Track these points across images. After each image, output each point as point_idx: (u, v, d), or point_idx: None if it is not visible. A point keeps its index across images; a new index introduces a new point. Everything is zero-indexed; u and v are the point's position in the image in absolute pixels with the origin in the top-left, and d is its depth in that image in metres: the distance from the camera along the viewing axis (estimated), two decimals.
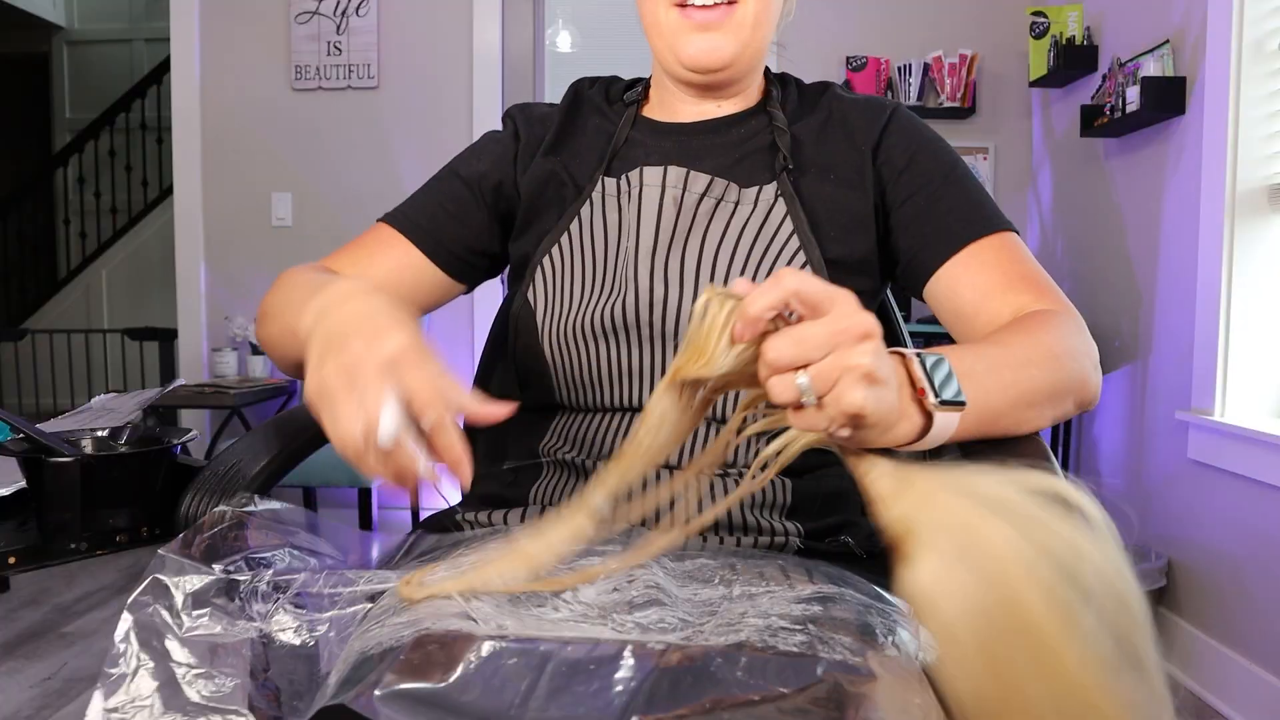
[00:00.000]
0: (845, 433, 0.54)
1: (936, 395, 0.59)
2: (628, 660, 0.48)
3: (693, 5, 0.84)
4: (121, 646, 0.58)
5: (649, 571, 0.62)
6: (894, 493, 0.53)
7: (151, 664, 0.58)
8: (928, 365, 0.60)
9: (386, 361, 0.57)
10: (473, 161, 0.94)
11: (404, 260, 0.90)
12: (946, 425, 0.60)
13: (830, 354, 0.51)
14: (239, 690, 0.57)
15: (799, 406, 0.52)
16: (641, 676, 0.48)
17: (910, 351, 0.60)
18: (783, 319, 0.53)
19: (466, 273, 0.94)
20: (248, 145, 3.21)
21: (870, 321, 0.52)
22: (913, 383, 0.59)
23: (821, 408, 0.52)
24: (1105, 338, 2.56)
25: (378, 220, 0.93)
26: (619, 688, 0.47)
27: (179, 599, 0.60)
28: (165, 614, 0.60)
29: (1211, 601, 2.06)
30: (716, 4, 0.84)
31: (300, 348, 0.65)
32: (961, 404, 0.59)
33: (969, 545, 0.48)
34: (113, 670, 0.58)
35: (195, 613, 0.60)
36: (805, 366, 0.51)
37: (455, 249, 0.92)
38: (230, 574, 0.62)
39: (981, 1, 3.04)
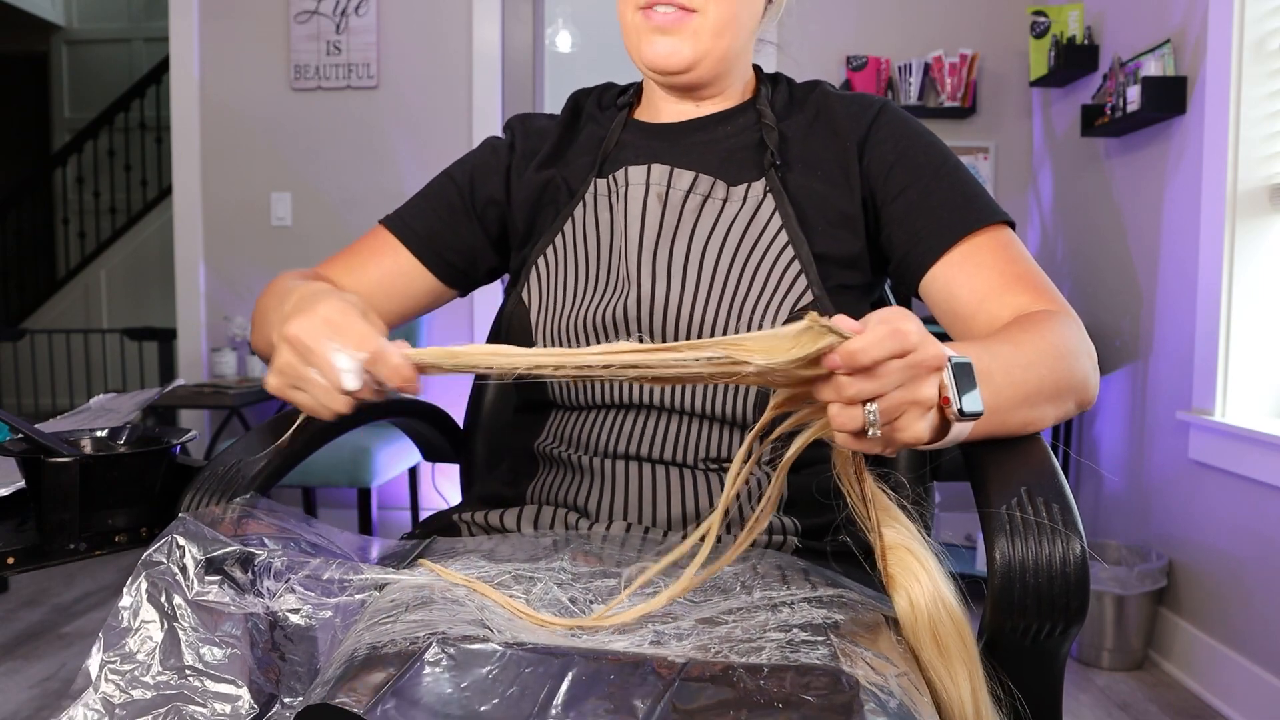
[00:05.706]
0: (890, 453, 0.56)
1: (959, 406, 0.57)
2: (648, 672, 0.47)
3: (654, 7, 0.84)
4: (129, 600, 0.58)
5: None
6: (885, 506, 0.59)
7: (156, 621, 0.58)
8: (955, 373, 0.58)
9: (323, 324, 0.64)
10: (468, 169, 0.95)
11: (398, 265, 0.92)
12: (960, 431, 0.61)
13: (901, 386, 0.52)
14: (238, 662, 0.57)
15: (859, 433, 0.53)
16: (662, 689, 0.46)
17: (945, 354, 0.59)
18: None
19: (458, 278, 0.95)
20: (247, 145, 3.21)
21: (941, 353, 0.53)
22: (939, 389, 0.58)
23: (880, 436, 0.53)
24: (1105, 338, 2.56)
25: (379, 221, 0.95)
26: (639, 701, 0.46)
27: (192, 563, 0.60)
28: (178, 574, 0.59)
29: (1211, 601, 2.06)
30: (670, 8, 0.84)
31: None
32: (979, 415, 0.59)
33: (937, 575, 0.57)
34: (117, 623, 0.57)
35: (207, 578, 0.60)
36: (876, 398, 0.52)
37: (447, 255, 0.93)
38: (247, 547, 0.62)
39: (982, 1, 3.03)
